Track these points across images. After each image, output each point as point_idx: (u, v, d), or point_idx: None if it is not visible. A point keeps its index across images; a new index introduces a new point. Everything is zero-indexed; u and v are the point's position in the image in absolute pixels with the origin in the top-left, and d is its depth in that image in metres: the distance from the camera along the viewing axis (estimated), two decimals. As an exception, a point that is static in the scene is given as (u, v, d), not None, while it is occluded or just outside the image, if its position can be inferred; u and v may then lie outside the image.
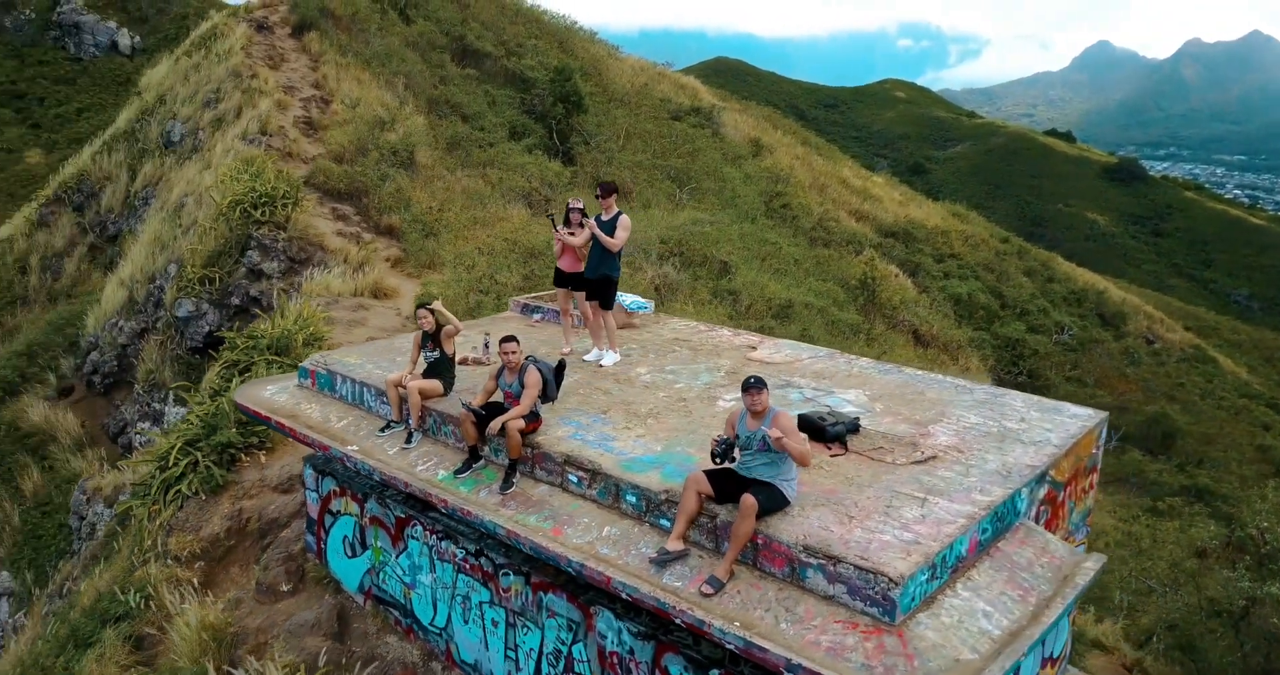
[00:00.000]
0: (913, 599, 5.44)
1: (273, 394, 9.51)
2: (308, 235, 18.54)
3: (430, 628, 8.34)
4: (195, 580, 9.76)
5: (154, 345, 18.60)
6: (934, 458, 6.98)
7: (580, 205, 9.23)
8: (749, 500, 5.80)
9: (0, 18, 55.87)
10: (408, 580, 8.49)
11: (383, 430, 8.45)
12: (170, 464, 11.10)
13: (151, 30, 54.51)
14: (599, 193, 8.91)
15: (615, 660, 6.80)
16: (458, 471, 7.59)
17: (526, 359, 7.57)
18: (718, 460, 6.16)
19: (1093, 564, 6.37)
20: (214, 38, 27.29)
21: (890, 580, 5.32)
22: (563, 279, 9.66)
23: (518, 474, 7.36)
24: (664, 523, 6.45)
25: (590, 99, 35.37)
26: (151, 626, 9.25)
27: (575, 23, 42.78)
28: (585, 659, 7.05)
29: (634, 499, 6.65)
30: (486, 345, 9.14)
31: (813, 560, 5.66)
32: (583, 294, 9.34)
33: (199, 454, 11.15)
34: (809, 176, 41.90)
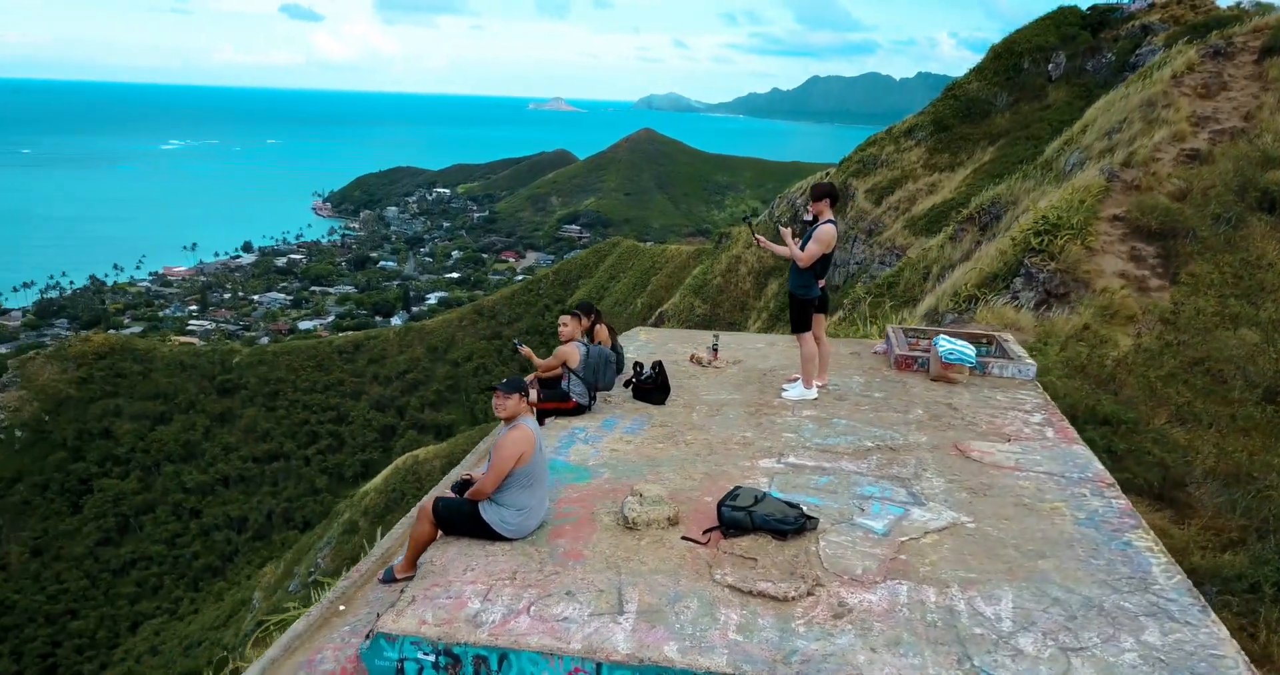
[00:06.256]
0: (394, 667, 4.27)
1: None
2: (1076, 271, 16.96)
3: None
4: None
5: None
6: (783, 599, 4.35)
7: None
8: (425, 504, 5.35)
9: (1084, 61, 61.03)
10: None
11: None
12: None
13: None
14: (811, 195, 6.87)
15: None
16: None
17: (582, 344, 7.18)
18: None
19: None
20: (1159, 66, 25.73)
21: (372, 630, 4.36)
22: None
23: None
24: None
25: None
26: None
27: None
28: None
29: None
30: (715, 347, 8.25)
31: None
32: (821, 316, 7.48)
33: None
34: None
